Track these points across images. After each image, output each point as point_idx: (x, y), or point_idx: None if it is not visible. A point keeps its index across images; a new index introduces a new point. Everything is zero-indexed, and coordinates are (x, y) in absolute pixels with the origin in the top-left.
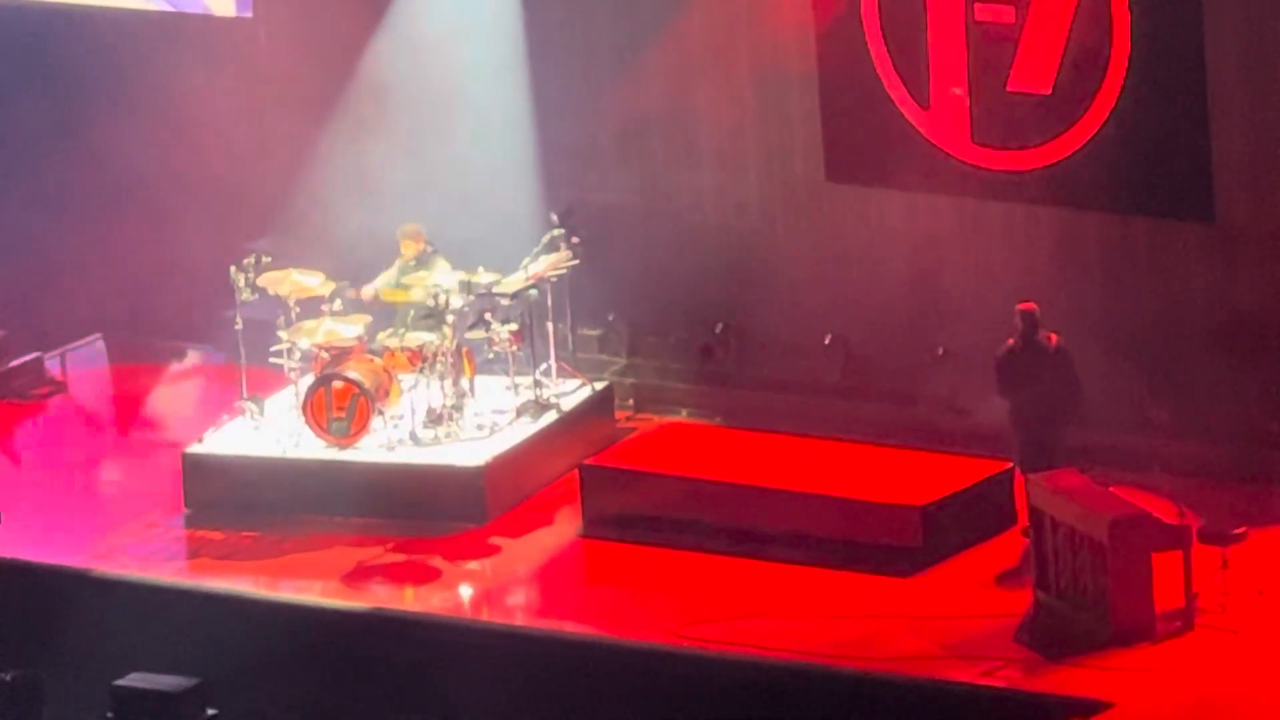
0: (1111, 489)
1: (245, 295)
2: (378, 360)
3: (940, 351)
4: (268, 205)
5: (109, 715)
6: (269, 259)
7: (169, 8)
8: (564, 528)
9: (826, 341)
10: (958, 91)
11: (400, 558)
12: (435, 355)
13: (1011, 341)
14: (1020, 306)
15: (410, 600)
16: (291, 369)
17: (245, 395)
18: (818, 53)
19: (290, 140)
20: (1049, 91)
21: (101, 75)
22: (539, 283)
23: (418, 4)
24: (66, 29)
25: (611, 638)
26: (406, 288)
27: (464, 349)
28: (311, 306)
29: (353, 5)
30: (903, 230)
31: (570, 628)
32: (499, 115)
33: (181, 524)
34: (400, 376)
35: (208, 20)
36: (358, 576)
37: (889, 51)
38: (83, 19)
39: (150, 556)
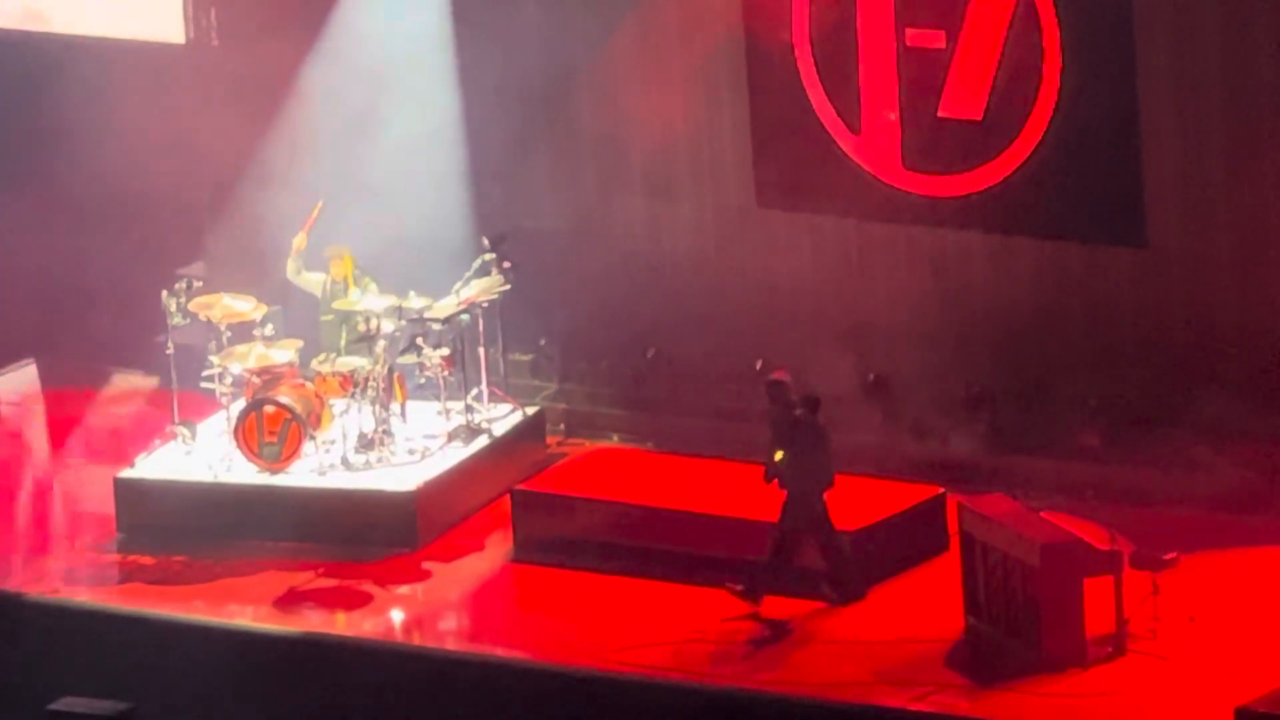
0: (1042, 514)
1: (176, 320)
2: (309, 385)
3: (871, 378)
4: (199, 230)
5: None
6: (200, 284)
7: (112, 34)
8: (495, 552)
9: (757, 367)
10: (891, 116)
11: (332, 582)
12: (367, 380)
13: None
14: (771, 377)
15: (342, 625)
16: (223, 394)
17: (177, 420)
18: (749, 78)
19: (223, 165)
20: (980, 117)
21: (34, 98)
22: (471, 308)
23: (350, 31)
24: (3, 53)
25: (543, 662)
26: (342, 313)
27: (396, 374)
28: (243, 331)
29: (286, 32)
30: (834, 256)
31: (501, 652)
32: (430, 140)
33: (113, 548)
34: (332, 401)
35: (143, 46)
36: (289, 601)
37: (820, 76)
38: (19, 42)
39: (82, 581)
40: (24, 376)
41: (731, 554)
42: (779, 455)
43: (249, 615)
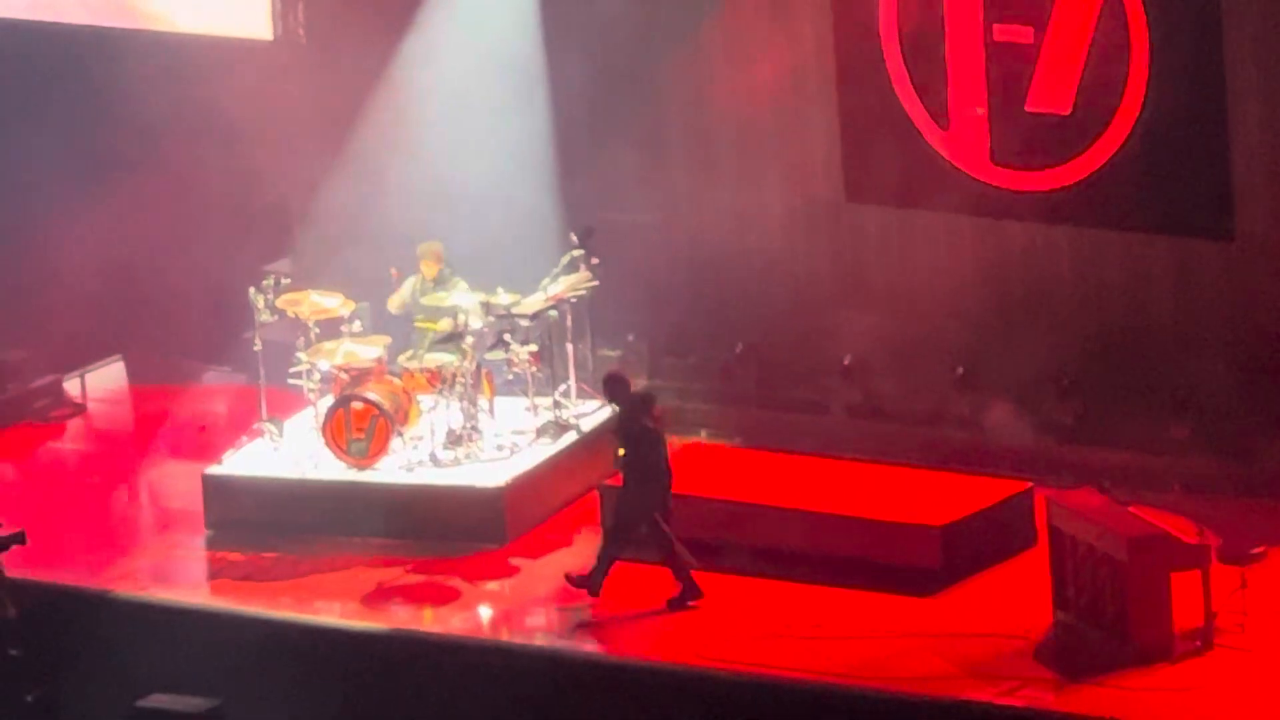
0: (1131, 508)
1: (264, 316)
2: (397, 381)
3: (960, 372)
4: (287, 226)
5: None
6: (288, 280)
7: (200, 30)
8: (583, 548)
9: (846, 362)
10: (979, 111)
11: (420, 579)
12: (454, 376)
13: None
14: (608, 373)
15: (429, 621)
16: (311, 390)
17: (265, 417)
18: (837, 73)
19: (310, 161)
20: (1068, 111)
21: (121, 93)
22: (558, 304)
23: (438, 27)
24: (92, 50)
25: (631, 658)
26: (431, 310)
27: (483, 370)
28: (330, 328)
29: (374, 29)
30: (922, 250)
31: (590, 648)
32: (518, 136)
33: (202, 545)
34: (420, 398)
35: (231, 42)
36: (377, 598)
37: (908, 71)
38: (105, 39)
39: (170, 578)
40: (112, 373)
41: (817, 549)
42: (620, 451)
43: (336, 612)
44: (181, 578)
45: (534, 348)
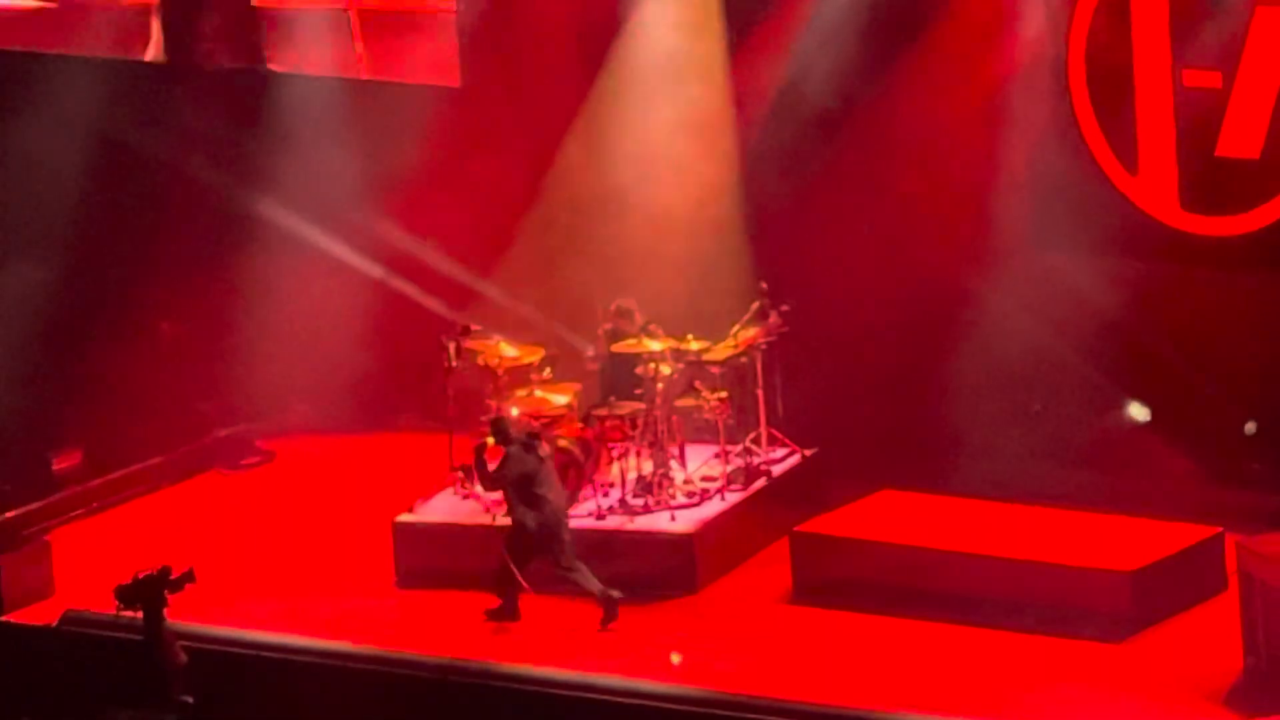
0: None
1: (454, 364)
2: (587, 429)
3: (1150, 418)
4: (477, 273)
5: None
6: (477, 328)
7: (387, 77)
8: (774, 595)
9: (1037, 409)
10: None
11: (612, 625)
12: (645, 423)
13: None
14: (491, 416)
15: (621, 668)
16: None
17: (455, 464)
18: (1024, 118)
19: (497, 208)
20: (1258, 156)
21: (313, 140)
22: (749, 350)
23: (626, 68)
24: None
25: (821, 705)
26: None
27: (673, 417)
28: (519, 375)
29: (562, 72)
30: (1111, 297)
31: (781, 695)
32: (709, 181)
33: (391, 593)
34: (610, 445)
35: (410, 88)
36: (569, 645)
37: (1097, 118)
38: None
39: (358, 626)
40: (300, 422)
41: (1011, 595)
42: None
43: (530, 658)
44: (368, 626)
45: (724, 394)
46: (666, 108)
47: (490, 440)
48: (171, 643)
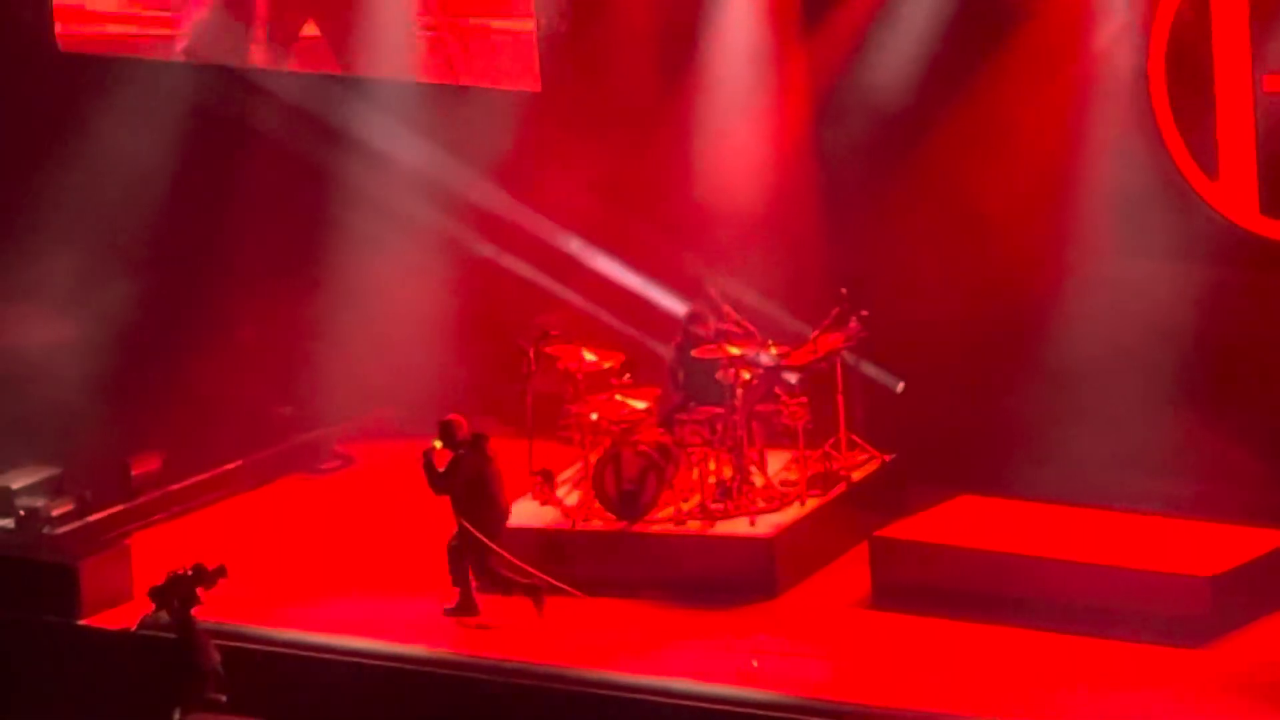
0: None
1: (533, 368)
2: (667, 433)
3: (1234, 426)
4: (557, 276)
5: None
6: (557, 332)
7: (469, 82)
8: (853, 599)
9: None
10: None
11: (690, 630)
12: (725, 428)
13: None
14: (445, 418)
15: (700, 672)
16: (580, 442)
17: (534, 469)
18: (1104, 126)
19: (576, 214)
20: None
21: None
22: (828, 355)
23: (706, 72)
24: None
25: (902, 710)
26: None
27: (753, 421)
28: (599, 380)
29: (642, 76)
30: (1187, 301)
31: (860, 700)
32: (787, 186)
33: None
34: (690, 449)
35: (491, 93)
36: (647, 650)
37: (1176, 123)
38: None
39: (434, 631)
40: (380, 426)
41: (1089, 601)
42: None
43: (605, 663)
44: (443, 630)
45: (803, 399)
46: (745, 112)
47: (438, 444)
48: (205, 641)
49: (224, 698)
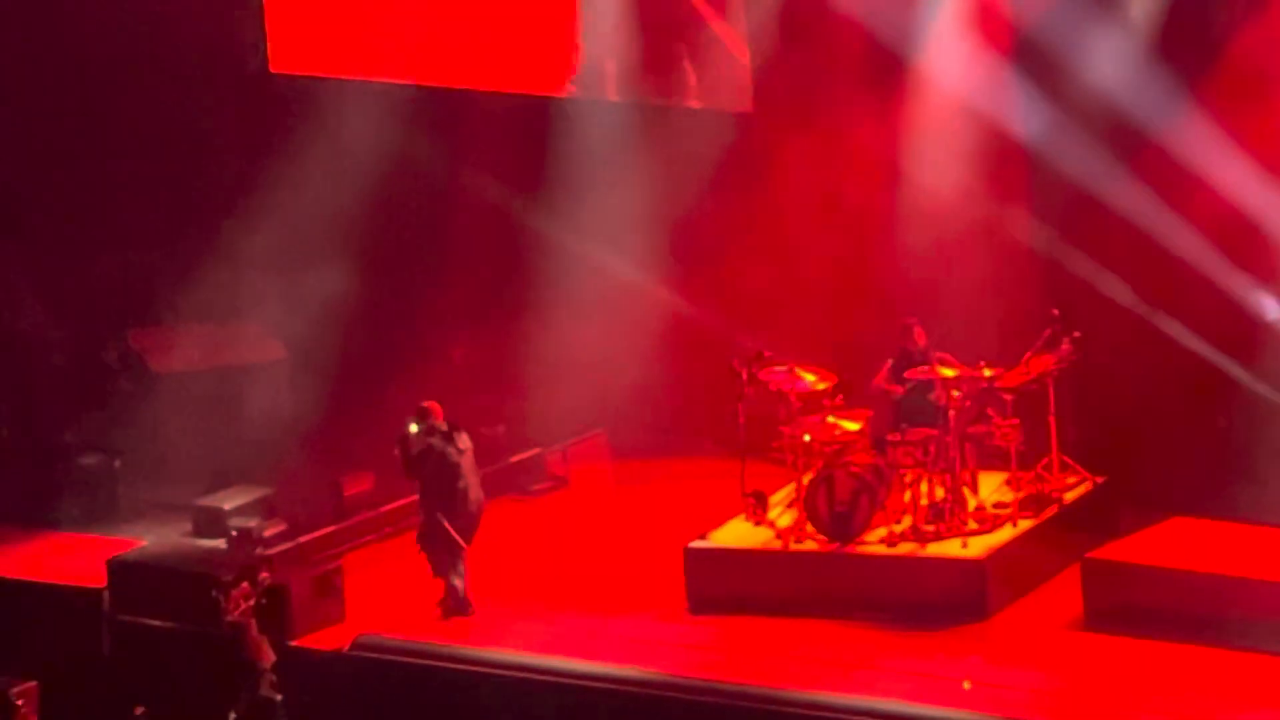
0: None
1: (747, 390)
2: (879, 455)
3: None
4: (764, 301)
5: None
6: (770, 354)
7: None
8: (1065, 621)
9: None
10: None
11: (900, 651)
12: (937, 450)
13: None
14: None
15: (912, 694)
16: (793, 464)
17: (746, 489)
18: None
19: (797, 241)
20: None
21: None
22: (1040, 376)
23: (913, 95)
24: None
25: None
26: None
27: (965, 443)
28: (812, 401)
29: (851, 98)
30: None
31: None
32: (998, 207)
33: (683, 619)
34: (902, 471)
35: (699, 113)
36: (856, 671)
37: None
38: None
39: (647, 650)
40: (595, 447)
41: None
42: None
43: (818, 684)
44: (659, 651)
45: (1016, 421)
46: (954, 134)
47: (413, 428)
48: (260, 640)
49: (279, 696)
